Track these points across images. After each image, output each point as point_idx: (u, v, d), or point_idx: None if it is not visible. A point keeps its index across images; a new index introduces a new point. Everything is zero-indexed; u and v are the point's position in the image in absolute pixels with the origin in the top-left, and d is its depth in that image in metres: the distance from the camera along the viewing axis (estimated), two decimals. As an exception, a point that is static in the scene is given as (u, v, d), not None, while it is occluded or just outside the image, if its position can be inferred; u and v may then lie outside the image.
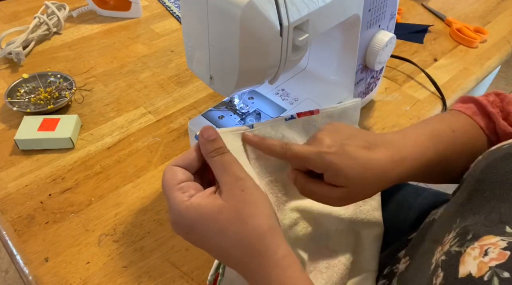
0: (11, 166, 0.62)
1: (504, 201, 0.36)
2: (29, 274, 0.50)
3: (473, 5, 1.08)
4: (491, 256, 0.31)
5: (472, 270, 0.32)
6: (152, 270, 0.51)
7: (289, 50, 0.46)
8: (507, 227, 0.34)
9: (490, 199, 0.37)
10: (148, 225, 0.56)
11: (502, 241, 0.32)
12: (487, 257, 0.32)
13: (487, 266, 0.31)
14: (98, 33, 0.92)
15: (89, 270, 0.51)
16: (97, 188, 0.60)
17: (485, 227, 0.35)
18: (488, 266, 0.31)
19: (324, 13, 0.48)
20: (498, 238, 0.33)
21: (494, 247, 0.32)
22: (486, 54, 0.90)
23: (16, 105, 0.69)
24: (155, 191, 0.60)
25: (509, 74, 2.33)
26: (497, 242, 0.32)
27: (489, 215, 0.36)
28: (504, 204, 0.35)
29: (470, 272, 0.32)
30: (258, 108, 0.60)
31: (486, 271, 0.31)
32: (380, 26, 0.63)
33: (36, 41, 0.85)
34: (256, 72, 0.46)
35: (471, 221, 0.37)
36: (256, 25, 0.41)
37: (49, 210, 0.57)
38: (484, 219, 0.36)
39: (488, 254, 0.32)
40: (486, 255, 0.32)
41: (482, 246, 0.33)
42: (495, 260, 0.31)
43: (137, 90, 0.77)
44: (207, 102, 0.75)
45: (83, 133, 0.68)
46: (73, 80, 0.75)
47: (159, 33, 0.93)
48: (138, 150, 0.66)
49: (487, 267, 0.31)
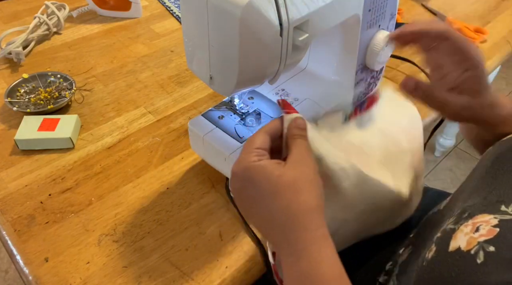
0: (11, 166, 0.62)
1: (503, 184, 0.37)
2: (29, 274, 0.50)
3: (473, 5, 1.08)
4: (481, 232, 0.33)
5: (461, 245, 0.33)
6: (152, 270, 0.51)
7: (289, 50, 0.46)
8: (502, 206, 0.35)
9: (493, 183, 0.38)
10: (148, 225, 0.56)
11: (494, 219, 0.34)
12: (477, 233, 0.33)
13: (476, 241, 0.32)
14: (98, 33, 0.92)
15: (89, 270, 0.51)
16: (97, 188, 0.60)
17: (482, 206, 0.37)
18: (477, 241, 0.32)
19: (324, 13, 0.48)
20: (491, 216, 0.34)
21: (485, 224, 0.33)
22: (486, 54, 0.90)
23: (16, 105, 0.69)
24: (155, 191, 0.60)
25: (509, 74, 2.33)
26: (490, 219, 0.34)
27: (488, 196, 0.37)
28: (503, 186, 0.37)
29: (460, 246, 0.33)
30: (258, 108, 0.60)
31: (474, 245, 0.32)
32: (380, 26, 0.63)
33: (36, 41, 0.85)
34: (256, 72, 0.46)
35: (470, 202, 0.39)
36: (256, 25, 0.41)
37: (49, 210, 0.57)
38: (483, 199, 0.37)
39: (478, 231, 0.33)
40: (476, 231, 0.33)
41: (475, 223, 0.34)
42: (484, 236, 0.32)
43: (137, 90, 0.77)
44: (207, 102, 0.75)
45: (83, 133, 0.68)
46: (73, 80, 0.75)
47: (159, 33, 0.93)
48: (138, 150, 0.66)
49: (476, 241, 0.32)
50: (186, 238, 0.55)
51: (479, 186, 0.40)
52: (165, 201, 0.59)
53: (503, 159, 0.39)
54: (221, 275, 0.51)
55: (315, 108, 0.61)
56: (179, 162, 0.64)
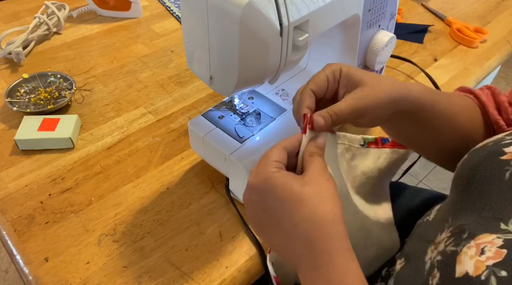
0: (11, 166, 0.62)
1: (494, 198, 0.36)
2: (29, 274, 0.50)
3: (473, 5, 1.08)
4: (488, 254, 0.31)
5: (469, 270, 0.31)
6: (152, 270, 0.51)
7: (289, 50, 0.46)
8: (501, 224, 0.33)
9: (480, 197, 0.37)
10: (148, 225, 0.56)
11: (498, 239, 0.32)
12: (484, 255, 0.31)
13: (484, 265, 0.31)
14: (98, 33, 0.92)
15: (89, 270, 0.51)
16: (97, 188, 0.60)
17: (479, 225, 0.35)
18: (485, 265, 0.31)
19: (324, 13, 0.48)
20: (494, 236, 0.32)
21: (490, 246, 0.32)
22: (486, 54, 0.90)
23: (16, 105, 0.69)
24: (155, 191, 0.60)
25: (509, 74, 2.33)
26: (493, 240, 0.32)
27: (482, 213, 0.36)
28: (495, 200, 0.35)
29: (467, 271, 0.31)
30: (258, 108, 0.60)
31: (483, 270, 0.31)
32: (380, 26, 0.63)
33: (36, 41, 0.85)
34: (256, 72, 0.46)
35: (464, 220, 0.37)
36: (256, 25, 0.41)
37: (49, 210, 0.57)
38: (478, 217, 0.36)
39: (484, 253, 0.32)
40: (482, 254, 0.32)
41: (479, 245, 0.33)
42: (492, 259, 0.31)
43: (137, 90, 0.77)
44: (207, 102, 0.75)
45: (83, 133, 0.68)
46: (73, 80, 0.75)
47: (159, 33, 0.93)
48: (138, 150, 0.66)
49: (484, 266, 0.31)
50: (186, 238, 0.55)
51: (467, 199, 0.39)
52: (165, 201, 0.59)
53: (483, 168, 0.38)
54: (221, 275, 0.51)
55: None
56: (179, 162, 0.64)
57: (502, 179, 0.35)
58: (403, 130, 0.49)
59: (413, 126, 0.47)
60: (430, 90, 0.45)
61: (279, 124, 0.59)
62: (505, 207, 0.34)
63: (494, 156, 0.38)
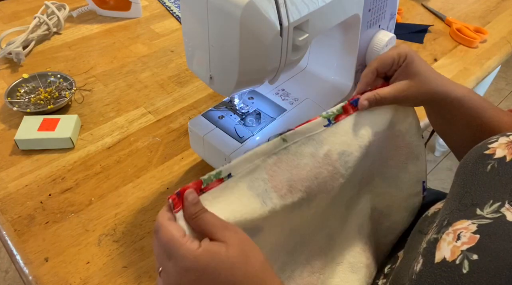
0: (11, 166, 0.62)
1: (474, 186, 0.38)
2: (29, 274, 0.50)
3: (473, 5, 1.08)
4: (463, 240, 0.33)
5: (446, 255, 0.33)
6: (152, 270, 0.51)
7: (289, 50, 0.46)
8: (477, 209, 0.35)
9: (463, 187, 0.39)
10: (148, 225, 0.56)
11: (472, 225, 0.33)
12: (460, 241, 0.33)
13: (459, 250, 0.32)
14: (98, 33, 0.92)
15: (89, 270, 0.51)
16: (97, 188, 0.60)
17: (459, 211, 0.37)
18: (460, 250, 0.32)
19: (324, 13, 0.48)
20: (469, 222, 0.34)
21: (465, 231, 0.33)
22: (486, 54, 0.90)
23: (16, 105, 0.70)
24: (155, 191, 0.60)
25: (509, 74, 2.33)
26: (468, 226, 0.34)
27: (462, 200, 0.38)
28: (475, 188, 0.37)
29: (444, 256, 0.33)
30: (258, 108, 0.60)
31: (458, 255, 0.32)
32: (380, 26, 0.63)
33: (36, 41, 0.85)
34: (256, 72, 0.46)
35: (449, 209, 0.39)
36: (256, 25, 0.41)
37: (49, 210, 0.57)
38: (458, 204, 0.38)
39: (460, 238, 0.33)
40: (458, 239, 0.33)
41: (456, 231, 0.34)
42: (466, 243, 0.32)
43: (137, 90, 0.77)
44: (207, 102, 0.75)
45: (83, 133, 0.68)
46: (73, 80, 0.75)
47: (159, 33, 0.93)
48: (138, 150, 0.66)
49: (459, 251, 0.32)
50: (186, 238, 0.55)
51: (454, 191, 0.40)
52: (165, 201, 0.59)
53: (469, 163, 0.40)
54: (221, 275, 0.51)
55: (315, 108, 0.61)
56: (179, 162, 0.64)
57: (484, 171, 0.38)
58: (438, 119, 0.54)
59: (444, 119, 0.53)
60: (477, 95, 0.50)
61: (279, 124, 0.59)
62: (482, 194, 0.36)
63: (478, 151, 0.40)
